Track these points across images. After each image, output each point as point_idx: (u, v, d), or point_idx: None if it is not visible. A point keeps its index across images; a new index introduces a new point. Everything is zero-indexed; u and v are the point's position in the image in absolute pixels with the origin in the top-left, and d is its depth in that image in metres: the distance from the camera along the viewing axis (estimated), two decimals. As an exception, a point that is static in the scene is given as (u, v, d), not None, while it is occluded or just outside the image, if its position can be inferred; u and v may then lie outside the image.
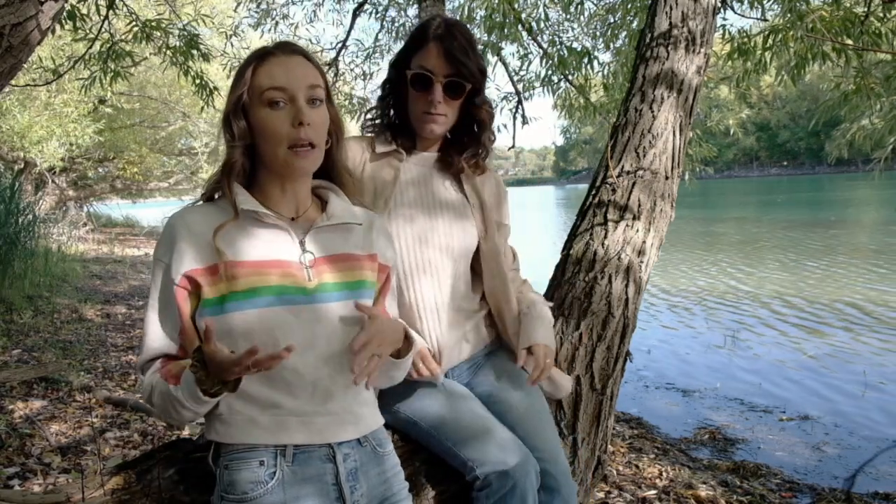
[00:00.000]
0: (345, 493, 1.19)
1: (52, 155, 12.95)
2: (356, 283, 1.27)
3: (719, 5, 2.52)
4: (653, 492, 3.10)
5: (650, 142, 2.20)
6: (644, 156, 2.19)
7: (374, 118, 1.67)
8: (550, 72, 6.01)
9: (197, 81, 5.50)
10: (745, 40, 4.56)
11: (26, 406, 3.75)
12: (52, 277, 7.79)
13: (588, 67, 5.85)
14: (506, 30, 5.54)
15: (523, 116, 6.55)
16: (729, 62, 4.85)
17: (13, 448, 3.15)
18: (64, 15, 4.01)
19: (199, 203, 1.26)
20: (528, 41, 6.08)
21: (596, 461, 1.95)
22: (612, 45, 6.14)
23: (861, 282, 8.92)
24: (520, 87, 6.47)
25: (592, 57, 5.75)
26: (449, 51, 1.50)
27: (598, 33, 6.48)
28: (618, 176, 2.17)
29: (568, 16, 6.52)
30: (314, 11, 8.12)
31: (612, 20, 6.16)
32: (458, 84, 1.53)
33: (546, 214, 29.50)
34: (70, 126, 12.80)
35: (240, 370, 1.04)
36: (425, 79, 1.52)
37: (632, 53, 4.18)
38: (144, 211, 24.53)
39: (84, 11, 4.47)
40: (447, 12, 6.14)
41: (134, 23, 4.98)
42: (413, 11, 6.76)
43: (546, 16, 6.25)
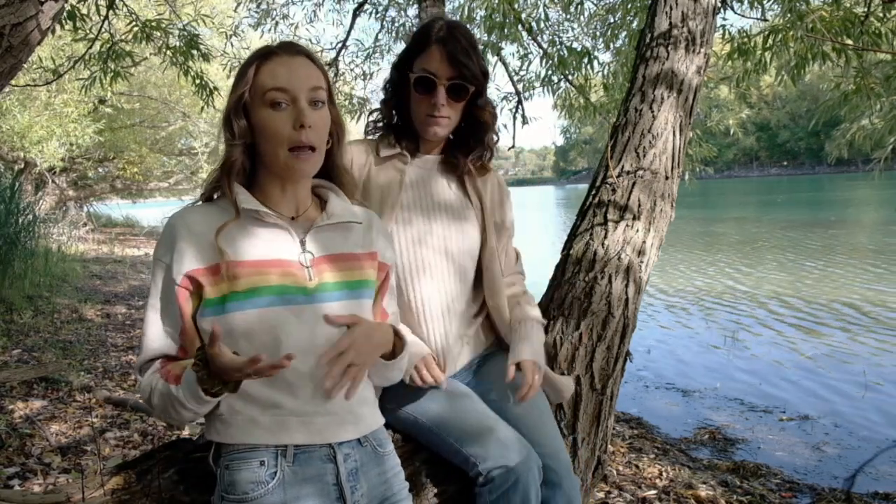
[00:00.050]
0: (345, 493, 1.19)
1: (52, 155, 12.94)
2: (356, 283, 1.27)
3: (719, 5, 2.52)
4: (653, 492, 3.10)
5: (650, 142, 2.20)
6: (644, 156, 2.19)
7: (377, 120, 1.68)
8: (550, 72, 6.01)
9: (197, 81, 5.50)
10: (745, 40, 4.56)
11: (26, 406, 3.75)
12: (52, 277, 7.79)
13: (588, 67, 5.85)
14: (506, 30, 5.54)
15: (523, 116, 6.55)
16: (729, 62, 4.84)
17: (13, 448, 3.15)
18: (64, 15, 4.01)
19: (199, 203, 1.26)
20: (528, 41, 6.08)
21: (596, 461, 1.95)
22: (612, 45, 6.14)
23: (860, 282, 8.92)
24: (520, 87, 6.48)
25: (592, 57, 5.75)
26: (451, 54, 1.51)
27: (598, 33, 6.48)
28: (618, 176, 2.17)
29: (568, 16, 6.52)
30: (314, 11, 8.14)
31: (612, 20, 6.16)
32: (461, 86, 1.54)
33: (546, 214, 29.48)
34: (70, 126, 12.80)
35: (241, 375, 1.05)
36: (428, 82, 1.53)
37: (632, 53, 4.18)
38: (144, 211, 24.51)
39: (84, 11, 4.48)
40: (447, 12, 6.14)
41: (134, 23, 4.98)
42: (413, 11, 6.76)
43: (546, 16, 6.26)
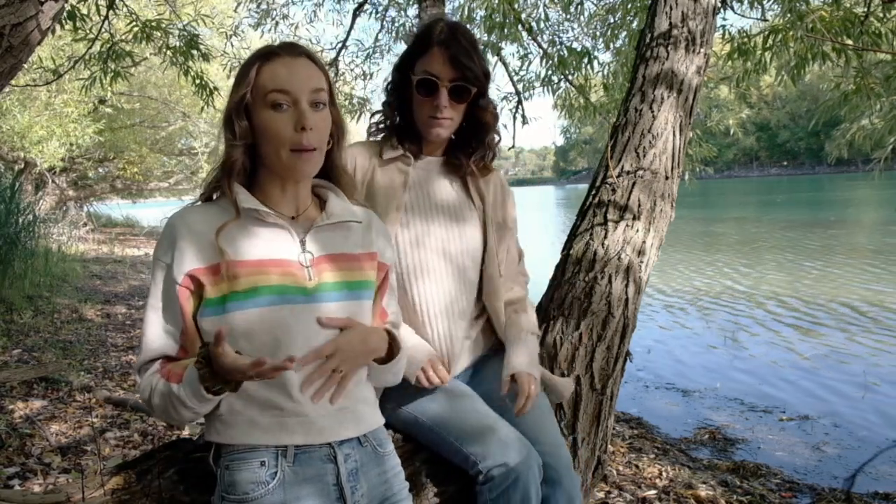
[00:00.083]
0: (345, 494, 1.19)
1: (53, 155, 12.94)
2: (356, 283, 1.27)
3: (719, 5, 2.53)
4: (653, 492, 3.10)
5: (650, 142, 2.20)
6: (644, 156, 2.19)
7: (380, 122, 1.68)
8: (550, 72, 6.02)
9: (197, 81, 5.50)
10: (745, 40, 4.56)
11: (26, 406, 3.75)
12: (52, 277, 7.79)
13: (588, 67, 5.86)
14: (506, 30, 5.55)
15: (523, 116, 6.56)
16: (729, 62, 4.84)
17: (13, 448, 3.15)
18: (64, 15, 4.01)
19: (199, 203, 1.26)
20: (528, 41, 6.09)
21: (596, 461, 1.95)
22: (612, 45, 6.14)
23: (859, 282, 8.92)
24: (520, 87, 6.49)
25: (592, 57, 5.76)
26: (454, 56, 1.51)
27: (598, 33, 6.48)
28: (618, 176, 2.17)
29: (568, 16, 6.54)
30: (314, 11, 8.17)
31: (612, 20, 6.16)
32: (464, 88, 1.55)
33: (546, 214, 29.47)
34: (70, 126, 12.79)
35: (243, 376, 1.05)
36: (430, 84, 1.54)
37: (632, 53, 4.18)
38: (144, 211, 24.49)
39: (84, 11, 4.48)
40: (447, 12, 6.14)
41: (134, 23, 4.99)
42: (413, 11, 6.77)
43: (546, 16, 6.28)
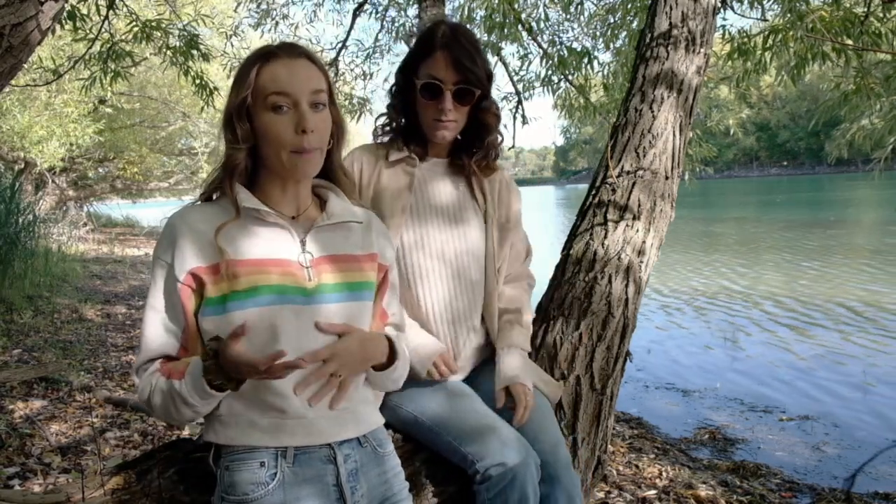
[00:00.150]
0: (345, 494, 1.19)
1: (53, 155, 12.94)
2: (356, 284, 1.27)
3: (719, 5, 2.53)
4: (653, 492, 3.10)
5: (650, 142, 2.20)
6: (644, 156, 2.19)
7: (385, 124, 1.68)
8: (550, 72, 6.01)
9: (197, 81, 5.50)
10: (745, 40, 4.56)
11: (26, 406, 3.75)
12: (52, 277, 7.79)
13: (588, 67, 5.86)
14: (506, 30, 5.55)
15: (523, 116, 6.56)
16: (729, 62, 4.84)
17: (13, 448, 3.15)
18: (64, 15, 4.01)
19: (199, 203, 1.26)
20: (528, 41, 6.09)
21: (596, 461, 1.95)
22: (612, 45, 6.14)
23: (858, 282, 8.92)
24: (520, 87, 6.48)
25: (592, 57, 5.76)
26: (457, 59, 1.52)
27: (598, 33, 6.48)
28: (618, 176, 2.17)
29: (568, 16, 6.53)
30: (314, 11, 8.15)
31: (612, 20, 6.16)
32: (467, 91, 1.56)
33: (546, 214, 29.44)
34: (70, 126, 12.79)
35: (253, 372, 1.04)
36: (434, 87, 1.54)
37: (632, 53, 4.18)
38: (144, 211, 24.49)
39: (84, 11, 4.48)
40: (447, 12, 6.14)
41: (134, 23, 4.98)
42: (413, 11, 6.77)
43: (546, 16, 6.27)
